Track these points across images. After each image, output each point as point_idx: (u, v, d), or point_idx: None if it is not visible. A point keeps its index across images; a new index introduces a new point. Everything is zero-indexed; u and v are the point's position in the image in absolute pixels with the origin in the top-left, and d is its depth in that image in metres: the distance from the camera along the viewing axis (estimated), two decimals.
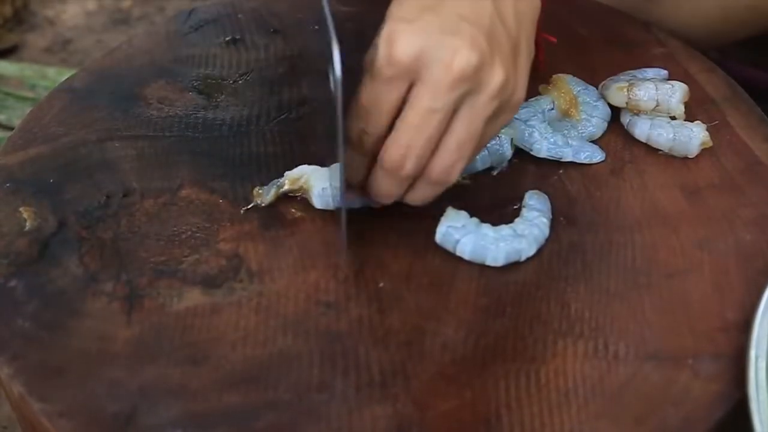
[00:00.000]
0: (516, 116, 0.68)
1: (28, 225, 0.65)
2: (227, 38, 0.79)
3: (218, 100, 0.74)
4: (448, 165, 0.57)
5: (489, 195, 0.66)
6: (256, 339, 0.58)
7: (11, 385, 0.57)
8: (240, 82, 0.76)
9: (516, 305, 0.60)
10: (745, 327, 0.57)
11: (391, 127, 0.57)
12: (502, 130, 0.67)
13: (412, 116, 0.56)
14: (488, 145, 0.66)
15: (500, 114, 0.58)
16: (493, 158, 0.68)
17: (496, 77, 0.55)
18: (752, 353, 0.55)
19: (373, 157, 0.59)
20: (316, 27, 0.79)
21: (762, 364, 0.54)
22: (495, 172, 0.68)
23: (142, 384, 0.56)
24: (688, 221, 0.65)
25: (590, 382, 0.56)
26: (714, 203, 0.66)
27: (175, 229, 0.65)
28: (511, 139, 0.68)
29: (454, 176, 0.58)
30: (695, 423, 0.54)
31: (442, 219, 0.62)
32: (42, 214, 0.66)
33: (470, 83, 0.55)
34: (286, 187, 0.65)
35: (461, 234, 0.62)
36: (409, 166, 0.57)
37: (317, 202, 0.65)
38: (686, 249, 0.63)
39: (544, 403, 0.55)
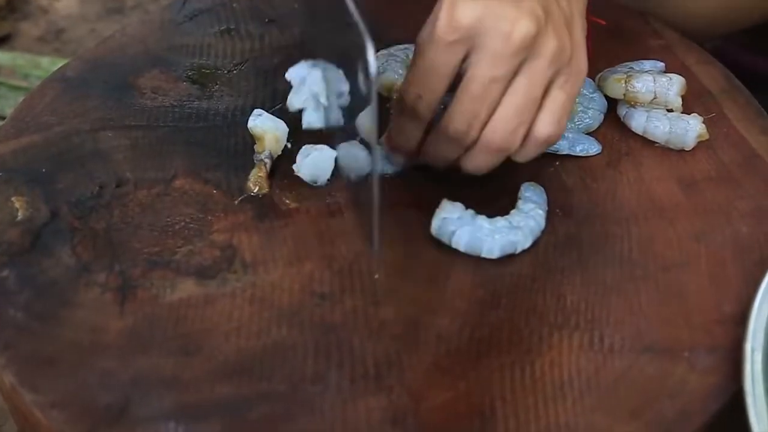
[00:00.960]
0: None
1: (20, 215, 0.64)
2: (222, 28, 0.79)
3: (212, 90, 0.74)
4: (509, 130, 0.59)
5: (485, 187, 0.66)
6: (249, 330, 0.58)
7: (3, 375, 0.56)
8: (234, 72, 0.75)
9: (511, 297, 0.60)
10: (741, 319, 0.57)
11: (445, 93, 0.59)
12: None
13: (474, 85, 0.58)
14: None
15: (563, 80, 0.59)
16: None
17: (550, 44, 0.57)
18: (748, 346, 0.55)
19: (427, 123, 0.61)
20: (295, 6, 0.80)
21: (758, 357, 0.54)
22: None
23: (134, 375, 0.56)
24: (684, 213, 0.65)
25: (586, 375, 0.56)
26: (711, 196, 0.66)
27: (168, 219, 0.64)
28: None
29: (516, 143, 0.60)
30: (691, 416, 0.54)
31: (438, 210, 0.62)
32: (34, 203, 0.65)
33: (528, 51, 0.57)
34: (262, 156, 0.66)
35: (457, 226, 0.61)
36: (474, 134, 0.59)
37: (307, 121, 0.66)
38: (683, 241, 0.63)
39: (539, 396, 0.55)
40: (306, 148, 0.67)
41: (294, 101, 0.66)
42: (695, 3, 0.84)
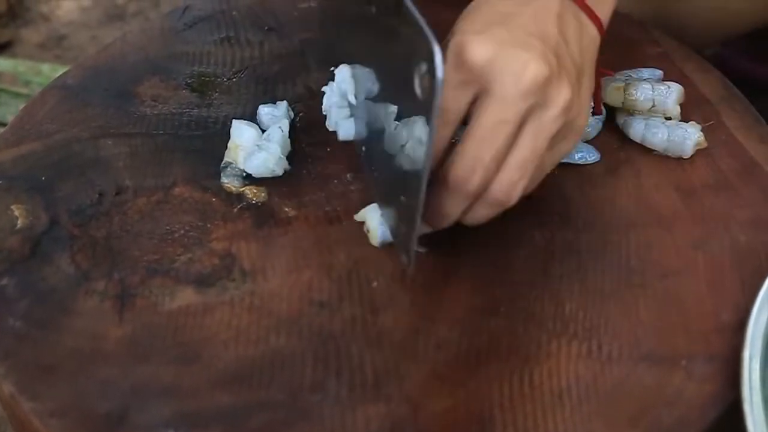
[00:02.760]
0: None
1: (19, 223, 0.65)
2: (221, 36, 0.79)
3: (212, 98, 0.74)
4: (511, 183, 0.56)
5: None
6: (248, 338, 0.58)
7: (2, 383, 0.56)
8: (234, 79, 0.75)
9: (510, 305, 0.60)
10: (739, 328, 0.57)
11: (452, 138, 0.56)
12: None
13: (480, 128, 0.54)
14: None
15: (563, 137, 0.57)
16: None
17: (563, 94, 0.55)
18: (746, 354, 0.55)
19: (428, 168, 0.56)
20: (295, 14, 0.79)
21: (756, 365, 0.54)
22: None
23: (133, 383, 0.56)
24: (682, 221, 0.65)
25: (584, 383, 0.56)
26: (709, 204, 0.66)
27: (167, 227, 0.64)
28: None
29: (515, 196, 0.57)
30: (689, 424, 0.54)
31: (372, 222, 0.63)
32: (34, 211, 0.65)
33: (539, 96, 0.54)
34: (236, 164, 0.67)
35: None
36: (476, 181, 0.55)
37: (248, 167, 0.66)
38: (681, 249, 0.63)
39: (537, 404, 0.55)
40: (253, 149, 0.67)
41: (323, 102, 0.65)
42: (693, 8, 0.84)
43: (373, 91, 0.60)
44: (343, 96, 0.63)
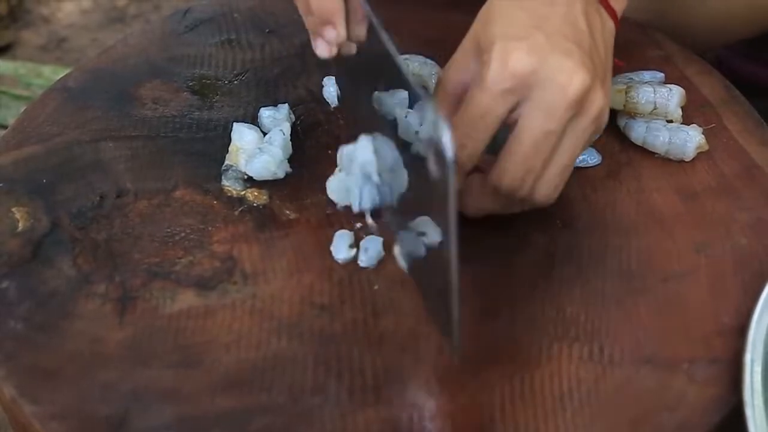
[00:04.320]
0: None
1: (20, 225, 0.64)
2: (222, 38, 0.79)
3: (213, 100, 0.74)
4: (552, 188, 0.58)
5: None
6: (249, 341, 0.58)
7: (3, 386, 0.56)
8: (235, 82, 0.75)
9: (511, 308, 0.60)
10: (741, 331, 0.57)
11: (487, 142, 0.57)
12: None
13: (529, 138, 0.55)
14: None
15: (591, 139, 0.58)
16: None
17: (598, 101, 0.56)
18: (748, 357, 0.55)
19: (467, 173, 0.59)
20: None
21: (757, 369, 0.54)
22: None
23: (134, 387, 0.56)
24: (684, 225, 0.65)
25: (585, 386, 0.56)
26: (710, 207, 0.66)
27: (168, 230, 0.64)
28: None
29: (554, 198, 0.59)
30: (691, 428, 0.54)
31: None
32: (35, 214, 0.65)
33: (580, 106, 0.55)
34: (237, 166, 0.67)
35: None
36: (527, 188, 0.57)
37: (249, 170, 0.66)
38: (682, 253, 0.63)
39: (538, 407, 0.55)
40: (254, 152, 0.66)
41: (334, 183, 0.63)
42: (695, 13, 0.84)
43: (394, 165, 0.58)
44: (367, 176, 0.61)
